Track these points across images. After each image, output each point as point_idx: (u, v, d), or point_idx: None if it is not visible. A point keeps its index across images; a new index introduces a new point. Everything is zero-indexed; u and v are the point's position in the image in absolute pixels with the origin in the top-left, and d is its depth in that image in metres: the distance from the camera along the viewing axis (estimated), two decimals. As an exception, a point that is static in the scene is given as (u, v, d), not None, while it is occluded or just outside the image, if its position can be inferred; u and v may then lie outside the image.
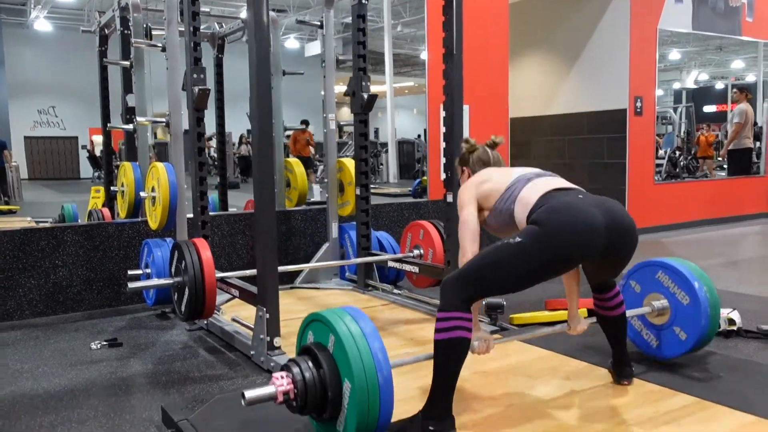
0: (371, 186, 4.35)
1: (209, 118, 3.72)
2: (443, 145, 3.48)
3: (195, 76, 3.53)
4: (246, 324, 3.13)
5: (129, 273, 3.81)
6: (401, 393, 2.07)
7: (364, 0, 4.14)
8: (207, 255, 3.12)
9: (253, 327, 2.97)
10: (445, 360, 2.01)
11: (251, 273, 3.22)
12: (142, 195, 3.87)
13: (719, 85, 18.79)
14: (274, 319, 2.85)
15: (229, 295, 3.50)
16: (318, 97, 4.73)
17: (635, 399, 2.34)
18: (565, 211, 2.03)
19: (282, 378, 1.89)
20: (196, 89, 3.51)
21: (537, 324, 3.49)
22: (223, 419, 2.22)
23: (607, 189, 6.93)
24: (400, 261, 4.00)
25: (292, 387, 1.88)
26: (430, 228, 3.95)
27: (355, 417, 1.80)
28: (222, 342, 3.35)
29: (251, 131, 2.92)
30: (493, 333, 3.23)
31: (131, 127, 4.32)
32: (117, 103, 4.88)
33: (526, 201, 2.16)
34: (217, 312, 3.51)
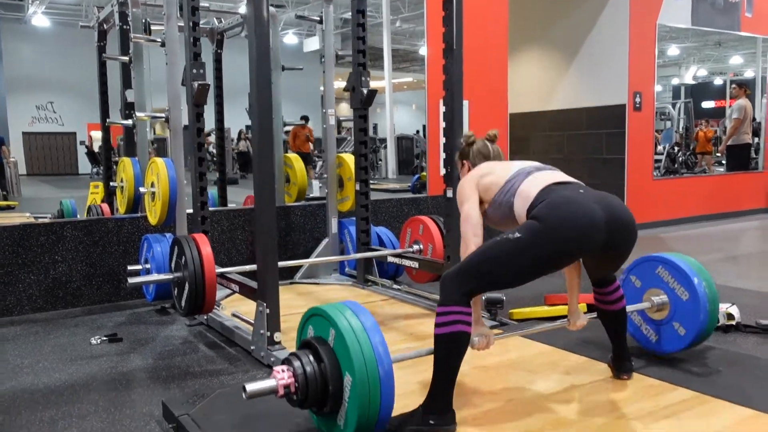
0: (370, 182, 4.35)
1: (208, 113, 3.71)
2: (443, 141, 3.48)
3: (194, 71, 3.53)
4: (246, 319, 3.13)
5: (129, 268, 3.81)
6: (401, 387, 2.07)
7: (363, -5, 4.14)
8: (207, 250, 3.12)
9: (253, 322, 2.97)
10: (446, 354, 2.01)
11: (251, 268, 3.22)
12: (141, 190, 3.87)
13: (718, 81, 18.82)
14: (274, 315, 2.85)
15: (229, 291, 3.51)
16: (316, 93, 4.73)
17: (635, 393, 2.35)
18: (565, 207, 2.04)
19: (283, 372, 1.89)
20: (195, 84, 3.51)
21: (537, 319, 3.50)
22: (224, 414, 2.22)
23: (606, 184, 6.92)
24: (399, 256, 4.00)
25: (293, 381, 1.89)
26: (429, 223, 3.95)
27: (356, 410, 1.80)
28: (222, 337, 3.35)
29: (251, 127, 2.92)
30: (493, 328, 3.24)
31: (130, 123, 4.32)
32: (116, 99, 4.88)
33: (526, 194, 2.16)
34: (217, 307, 3.52)
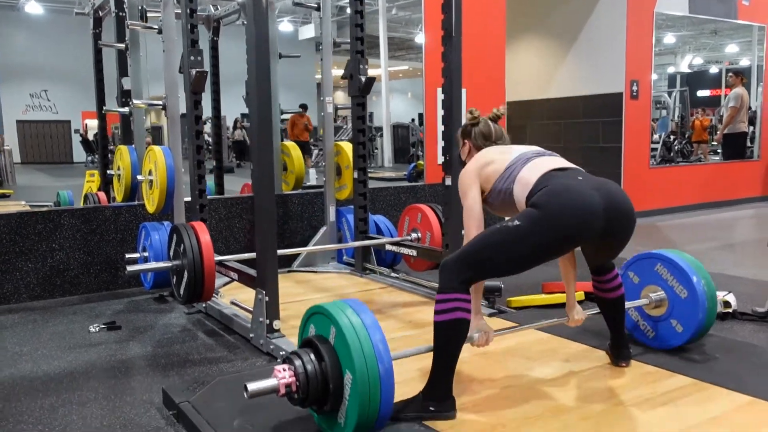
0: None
1: (204, 101, 3.70)
2: (441, 129, 3.47)
3: (192, 58, 3.51)
4: (245, 307, 3.13)
5: (127, 256, 3.81)
6: (401, 375, 2.08)
7: (361, -18, 4.11)
8: (206, 238, 3.12)
9: (252, 310, 2.97)
10: (446, 341, 2.02)
11: (250, 256, 3.22)
12: (139, 178, 3.86)
13: (713, 70, 18.80)
14: (273, 302, 2.86)
15: (227, 279, 3.51)
16: (310, 81, 4.71)
17: (633, 380, 2.36)
18: (565, 194, 2.04)
19: (284, 371, 1.90)
20: (193, 72, 3.49)
21: (535, 306, 3.51)
22: (224, 401, 2.23)
23: (603, 173, 6.82)
24: (398, 244, 4.01)
25: (294, 380, 1.89)
26: (428, 211, 3.95)
27: (357, 408, 1.81)
28: (221, 325, 3.36)
29: (250, 116, 2.90)
30: (491, 316, 3.25)
31: (127, 111, 4.30)
32: (112, 87, 4.86)
33: (525, 181, 2.16)
34: (215, 295, 3.52)
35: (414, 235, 4.03)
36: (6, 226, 3.82)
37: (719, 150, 10.04)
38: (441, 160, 3.52)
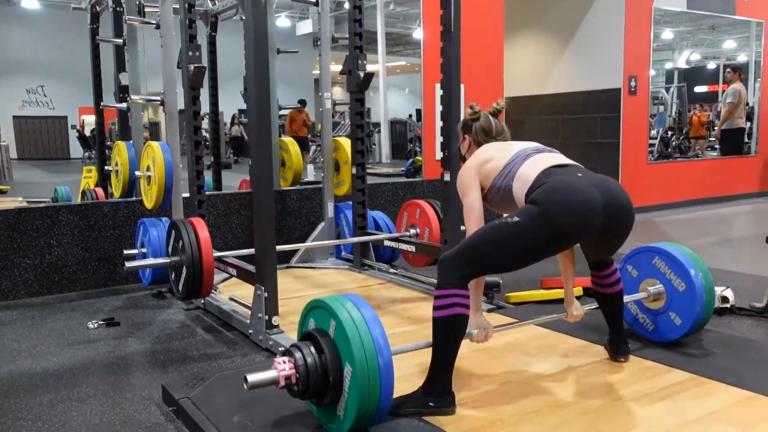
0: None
1: (202, 97, 3.69)
2: (440, 124, 3.47)
3: (190, 53, 3.50)
4: (244, 303, 3.13)
5: (125, 252, 3.81)
6: (400, 371, 2.08)
7: (359, -23, 4.10)
8: (204, 234, 3.12)
9: (251, 306, 2.97)
10: (445, 337, 2.02)
11: (248, 252, 3.22)
12: (137, 174, 3.85)
13: (711, 66, 18.79)
14: (272, 298, 2.85)
15: (225, 275, 3.51)
16: (307, 77, 4.70)
17: (631, 375, 2.37)
18: (564, 191, 2.04)
19: (284, 363, 1.90)
20: (191, 67, 3.48)
21: (533, 302, 3.52)
22: (224, 397, 2.23)
23: (601, 168, 6.90)
24: (396, 240, 4.01)
25: (294, 372, 1.89)
26: (426, 207, 3.95)
27: (356, 401, 1.81)
28: (219, 321, 3.36)
29: (248, 111, 2.89)
30: (490, 312, 3.26)
31: (125, 106, 4.28)
32: (109, 82, 4.84)
33: (525, 178, 2.16)
34: (214, 291, 3.52)
35: (412, 231, 4.03)
36: (3, 222, 3.81)
37: (716, 146, 10.03)
38: (439, 155, 3.52)
